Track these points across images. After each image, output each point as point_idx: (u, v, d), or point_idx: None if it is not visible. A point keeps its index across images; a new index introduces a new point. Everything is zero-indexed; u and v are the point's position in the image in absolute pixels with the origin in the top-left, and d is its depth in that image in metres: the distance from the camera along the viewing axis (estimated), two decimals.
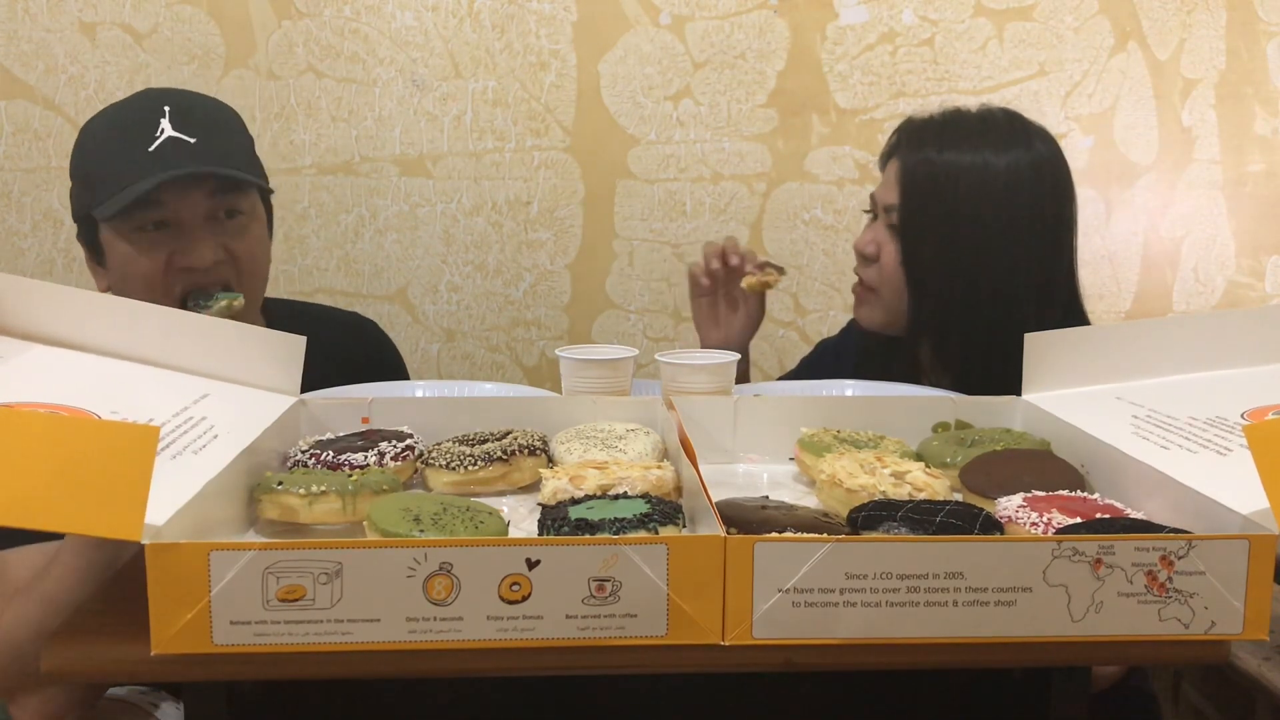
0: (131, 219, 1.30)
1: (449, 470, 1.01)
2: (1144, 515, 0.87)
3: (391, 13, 2.07)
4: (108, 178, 1.31)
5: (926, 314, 1.38)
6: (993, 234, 1.34)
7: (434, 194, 2.12)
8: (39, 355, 1.00)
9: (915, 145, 1.39)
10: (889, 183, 1.41)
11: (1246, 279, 2.20)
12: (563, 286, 2.16)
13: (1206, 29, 2.12)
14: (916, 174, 1.36)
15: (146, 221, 1.31)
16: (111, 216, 1.30)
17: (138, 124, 1.32)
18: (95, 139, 1.35)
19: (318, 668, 0.75)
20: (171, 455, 0.86)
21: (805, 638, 0.75)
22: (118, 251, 1.33)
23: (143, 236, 1.31)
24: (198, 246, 1.32)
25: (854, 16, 2.09)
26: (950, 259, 1.35)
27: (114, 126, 1.35)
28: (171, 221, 1.32)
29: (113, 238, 1.33)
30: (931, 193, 1.35)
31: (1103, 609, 0.76)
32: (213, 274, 1.34)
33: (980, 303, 1.35)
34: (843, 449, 1.04)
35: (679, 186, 2.13)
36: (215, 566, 0.71)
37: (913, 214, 1.36)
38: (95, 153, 1.34)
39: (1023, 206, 1.35)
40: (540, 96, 2.10)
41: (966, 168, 1.34)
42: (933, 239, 1.36)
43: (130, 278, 1.33)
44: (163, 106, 1.33)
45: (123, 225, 1.31)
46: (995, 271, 1.35)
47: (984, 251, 1.34)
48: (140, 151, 1.30)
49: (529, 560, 0.73)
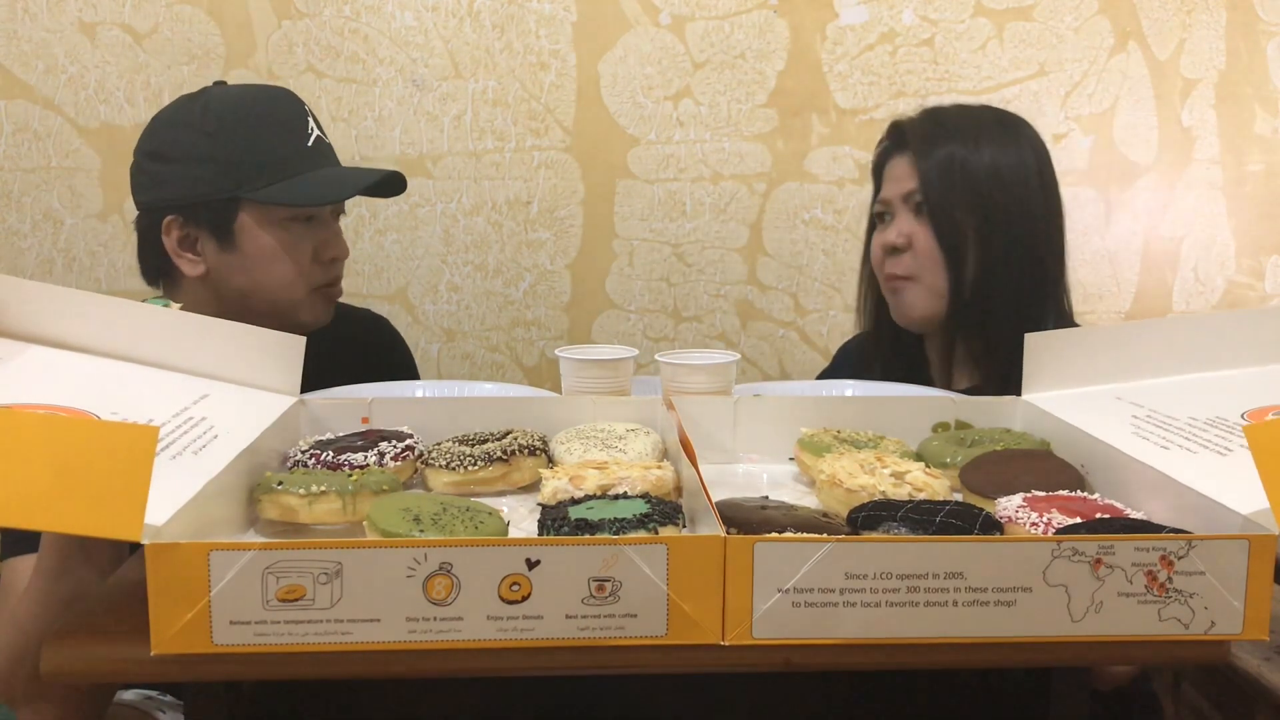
0: (291, 209, 1.34)
1: (449, 470, 1.01)
2: (1144, 515, 0.87)
3: (391, 13, 2.07)
4: (273, 165, 1.33)
5: (966, 291, 1.39)
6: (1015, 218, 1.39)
7: (434, 194, 2.12)
8: (39, 355, 1.00)
9: (927, 140, 1.41)
10: (899, 176, 1.43)
11: (1246, 279, 2.20)
12: (563, 286, 2.16)
13: (1206, 29, 2.12)
14: (935, 161, 1.39)
15: (300, 213, 1.35)
16: (283, 205, 1.33)
17: (291, 116, 1.37)
18: (247, 120, 1.34)
19: (318, 668, 0.75)
20: (171, 455, 0.86)
21: (805, 638, 0.75)
22: (263, 239, 1.34)
23: (295, 226, 1.35)
24: (339, 240, 1.41)
25: (854, 16, 2.09)
26: (982, 231, 1.38)
27: (268, 113, 1.36)
28: (318, 216, 1.38)
29: (261, 224, 1.34)
30: (952, 174, 1.39)
31: (1103, 609, 0.76)
32: (339, 268, 1.42)
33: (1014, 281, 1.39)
34: (842, 449, 1.04)
35: (679, 186, 2.13)
36: (215, 566, 0.71)
37: (939, 194, 1.39)
38: (251, 135, 1.34)
39: (1033, 192, 1.40)
40: (540, 96, 2.10)
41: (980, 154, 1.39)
42: (961, 213, 1.38)
43: (277, 263, 1.35)
44: (302, 103, 1.40)
45: (278, 213, 1.34)
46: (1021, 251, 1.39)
47: (1009, 230, 1.38)
48: (301, 143, 1.35)
49: (529, 560, 0.73)
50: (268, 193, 1.31)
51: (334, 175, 1.38)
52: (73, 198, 2.08)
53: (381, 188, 1.43)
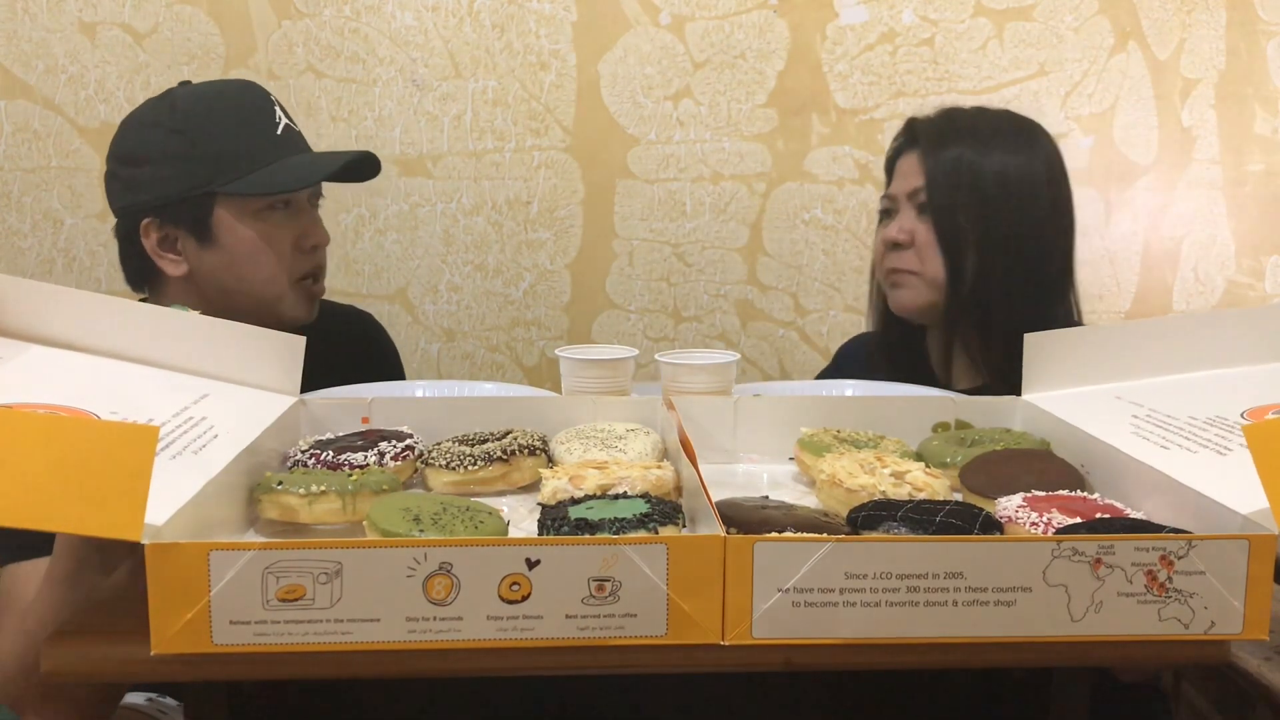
0: (265, 198, 1.34)
1: (449, 470, 1.01)
2: (1144, 515, 0.87)
3: (391, 13, 2.07)
4: (242, 157, 1.32)
5: (964, 286, 1.40)
6: (1018, 217, 1.39)
7: (434, 194, 2.12)
8: (39, 355, 1.00)
9: (936, 139, 1.42)
10: (907, 173, 1.44)
11: (1246, 279, 2.20)
12: (563, 286, 2.16)
13: (1206, 29, 2.12)
14: (943, 161, 1.40)
15: (277, 201, 1.35)
16: (255, 195, 1.32)
17: (258, 108, 1.36)
18: (214, 115, 1.34)
19: (318, 668, 0.75)
20: (171, 455, 0.85)
21: (805, 637, 0.75)
22: (242, 232, 1.34)
23: (273, 215, 1.35)
24: (318, 227, 1.41)
25: (854, 16, 2.09)
26: (983, 231, 1.39)
27: (235, 106, 1.36)
28: (294, 203, 1.37)
29: (238, 216, 1.34)
30: (959, 174, 1.39)
31: (1102, 609, 0.76)
32: (320, 256, 1.41)
33: (1014, 277, 1.39)
34: (842, 449, 1.04)
35: (679, 186, 2.13)
36: (215, 566, 0.71)
37: (943, 192, 1.40)
38: (219, 129, 1.33)
39: (1043, 200, 1.41)
40: (540, 96, 2.10)
41: (990, 158, 1.39)
42: (964, 213, 1.39)
43: (258, 255, 1.35)
44: (267, 93, 1.39)
45: (254, 204, 1.34)
46: (1024, 248, 1.39)
47: (1013, 230, 1.39)
48: (270, 133, 1.34)
49: (529, 560, 0.73)
50: (241, 184, 1.31)
51: (305, 161, 1.38)
52: (73, 198, 2.08)
53: (356, 171, 1.43)
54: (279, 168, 1.33)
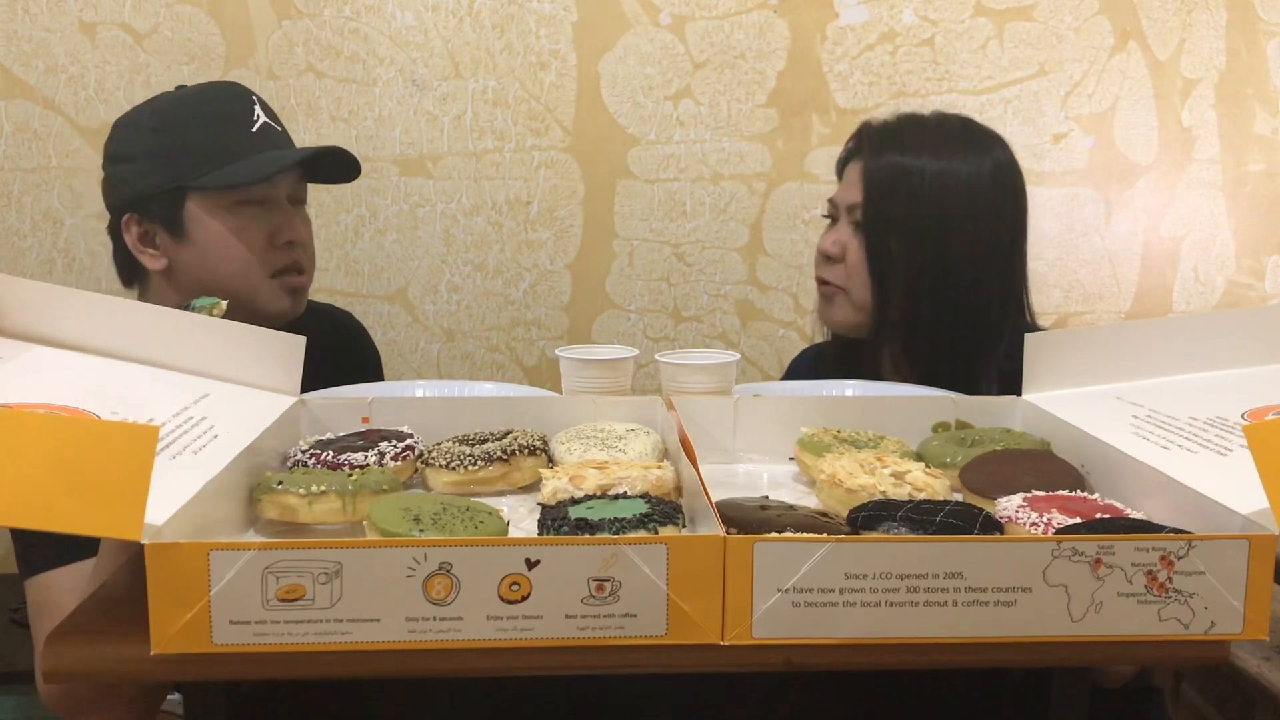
0: (235, 193, 1.34)
1: (449, 470, 1.01)
2: (1144, 515, 0.87)
3: (391, 13, 2.07)
4: (214, 153, 1.33)
5: (891, 311, 1.39)
6: (954, 235, 1.37)
7: (434, 194, 2.12)
8: (39, 355, 1.00)
9: (877, 148, 1.40)
10: (850, 184, 1.43)
11: (1246, 279, 2.20)
12: (563, 286, 2.16)
13: (1206, 29, 2.12)
14: (881, 175, 1.38)
15: (250, 197, 1.35)
16: (221, 189, 1.33)
17: (235, 107, 1.37)
18: (190, 114, 1.36)
19: (318, 668, 0.75)
20: (171, 455, 0.86)
21: (805, 638, 0.75)
22: (212, 226, 1.35)
23: (245, 210, 1.36)
24: (294, 223, 1.40)
25: (854, 16, 2.09)
26: (913, 256, 1.37)
27: (210, 105, 1.37)
28: (269, 200, 1.37)
29: (209, 211, 1.35)
30: (895, 192, 1.37)
31: (1102, 609, 0.76)
32: (298, 252, 1.40)
33: (943, 302, 1.37)
34: (842, 449, 1.04)
35: (679, 186, 2.13)
36: (215, 566, 0.71)
37: (877, 211, 1.38)
38: (193, 127, 1.35)
39: (984, 210, 1.38)
40: (540, 96, 2.10)
41: (930, 170, 1.37)
42: (897, 235, 1.37)
43: (229, 249, 1.35)
44: (249, 94, 1.40)
45: (225, 199, 1.34)
46: (956, 272, 1.37)
47: (946, 252, 1.37)
48: (244, 131, 1.35)
49: (529, 560, 0.73)
50: (208, 179, 1.33)
51: (273, 156, 1.38)
52: (73, 198, 2.09)
53: (335, 172, 1.44)
54: (245, 163, 1.34)
